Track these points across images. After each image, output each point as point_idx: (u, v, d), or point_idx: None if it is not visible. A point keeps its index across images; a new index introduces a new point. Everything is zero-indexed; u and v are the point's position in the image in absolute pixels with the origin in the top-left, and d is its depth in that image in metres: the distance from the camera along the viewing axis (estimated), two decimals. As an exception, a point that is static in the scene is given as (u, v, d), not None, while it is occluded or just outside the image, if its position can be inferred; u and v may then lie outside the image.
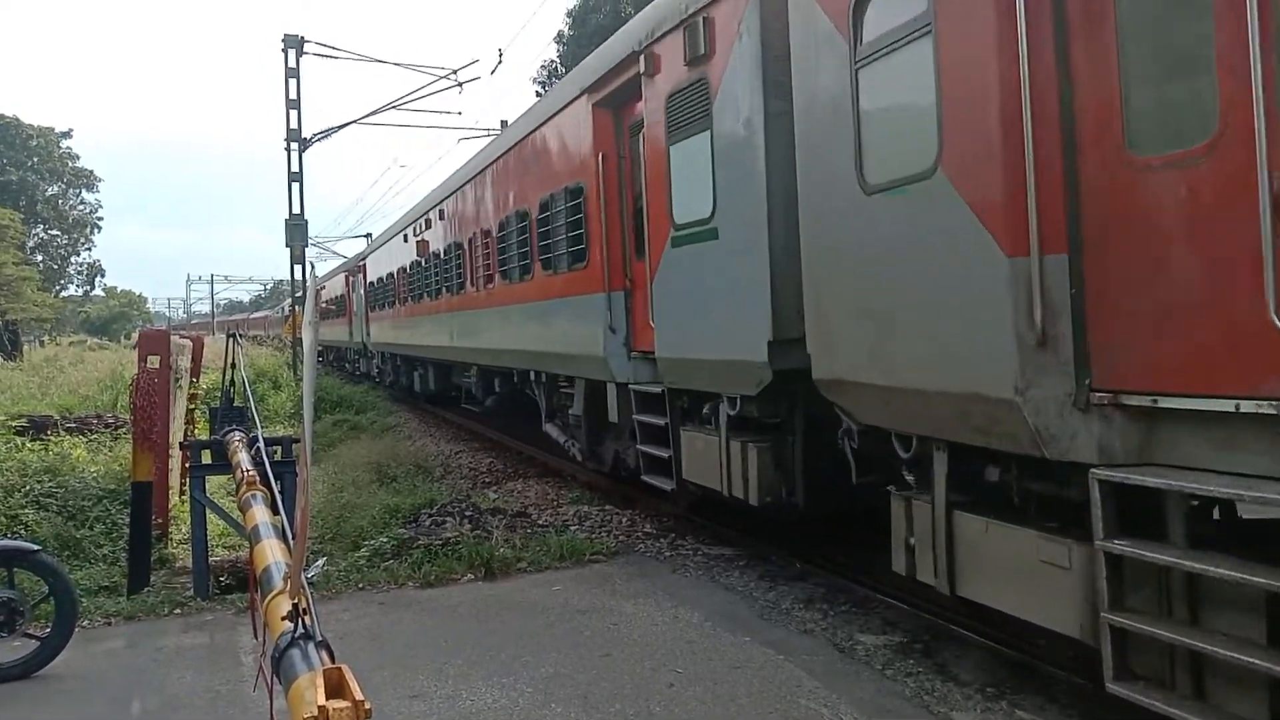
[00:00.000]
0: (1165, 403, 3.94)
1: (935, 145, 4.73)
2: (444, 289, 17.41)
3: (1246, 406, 3.57)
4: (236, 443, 7.51)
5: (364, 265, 29.15)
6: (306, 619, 2.61)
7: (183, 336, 16.56)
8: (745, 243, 6.85)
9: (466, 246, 15.74)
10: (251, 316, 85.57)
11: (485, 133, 29.13)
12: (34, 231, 63.20)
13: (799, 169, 6.11)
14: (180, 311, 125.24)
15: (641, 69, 8.33)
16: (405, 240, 21.70)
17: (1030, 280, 4.21)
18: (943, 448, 5.18)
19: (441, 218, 17.95)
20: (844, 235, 5.66)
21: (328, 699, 2.09)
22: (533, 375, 12.56)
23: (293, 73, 27.13)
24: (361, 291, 29.34)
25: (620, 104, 9.41)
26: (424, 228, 19.53)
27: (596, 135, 9.59)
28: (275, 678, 2.63)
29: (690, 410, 8.36)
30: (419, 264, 19.94)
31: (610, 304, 9.43)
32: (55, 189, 66.80)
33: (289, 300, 34.10)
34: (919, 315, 4.98)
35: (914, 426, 5.39)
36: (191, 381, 12.70)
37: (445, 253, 17.43)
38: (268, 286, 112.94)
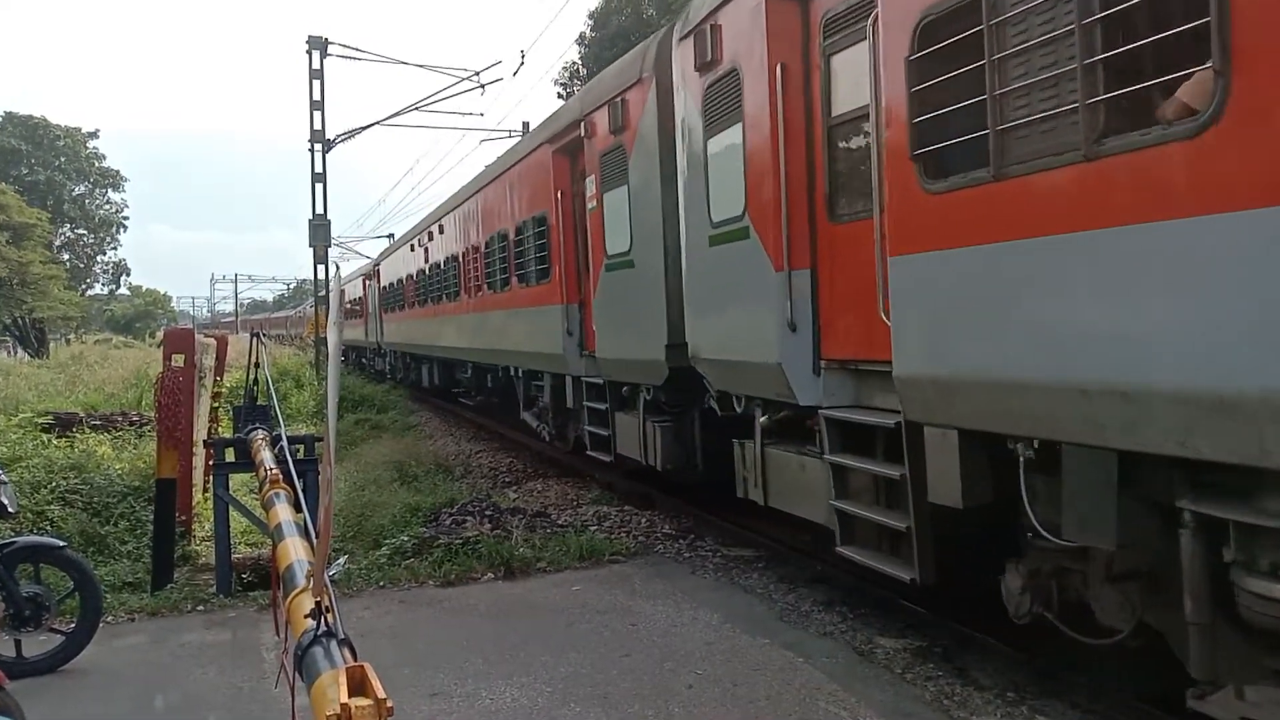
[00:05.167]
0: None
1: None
2: None
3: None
4: (259, 441, 7.57)
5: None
6: (329, 617, 2.63)
7: (207, 335, 16.69)
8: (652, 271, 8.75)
9: None
10: (292, 314, 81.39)
11: (507, 134, 29.21)
12: (61, 231, 63.73)
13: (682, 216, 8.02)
14: (204, 310, 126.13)
15: (582, 133, 10.45)
16: None
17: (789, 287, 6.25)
18: (758, 402, 7.21)
19: None
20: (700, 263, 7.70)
21: (350, 697, 2.11)
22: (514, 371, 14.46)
23: (316, 74, 27.33)
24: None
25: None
26: None
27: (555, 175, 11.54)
28: (297, 675, 2.65)
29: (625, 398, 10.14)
30: None
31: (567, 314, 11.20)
32: (82, 189, 67.31)
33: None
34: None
35: (743, 389, 7.42)
36: (215, 380, 12.81)
37: None
38: (290, 286, 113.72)
